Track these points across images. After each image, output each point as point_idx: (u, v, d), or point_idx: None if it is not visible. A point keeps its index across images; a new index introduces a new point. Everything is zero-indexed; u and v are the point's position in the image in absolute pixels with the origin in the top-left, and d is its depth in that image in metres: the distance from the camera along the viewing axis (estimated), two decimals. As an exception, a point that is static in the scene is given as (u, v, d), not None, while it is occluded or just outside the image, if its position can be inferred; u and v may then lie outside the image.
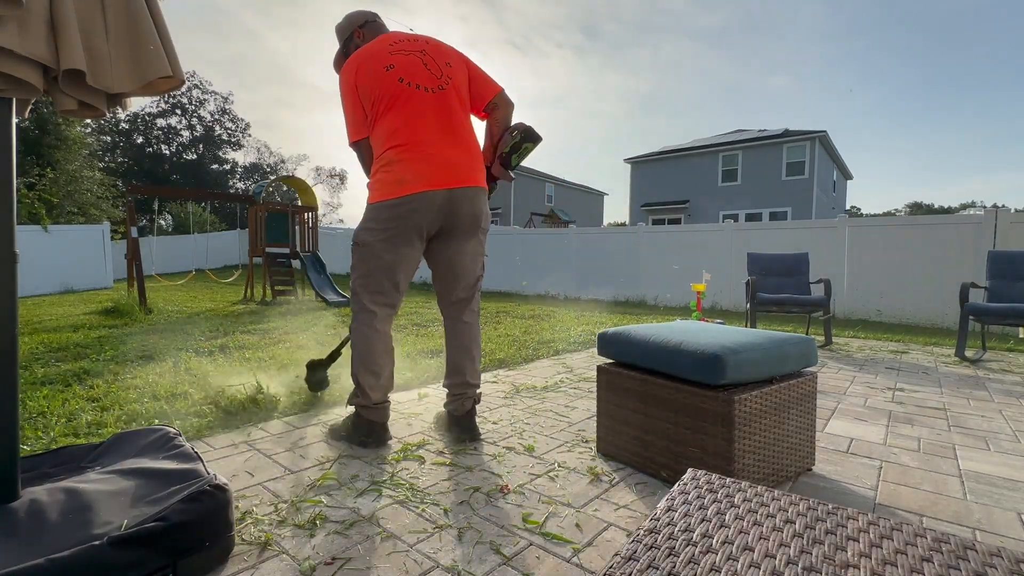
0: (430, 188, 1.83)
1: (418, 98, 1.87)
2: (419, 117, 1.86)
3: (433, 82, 1.92)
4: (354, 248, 1.93)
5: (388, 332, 1.94)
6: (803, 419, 1.69)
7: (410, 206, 1.82)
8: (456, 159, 1.90)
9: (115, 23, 1.27)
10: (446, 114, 1.91)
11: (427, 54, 1.96)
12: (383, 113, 1.86)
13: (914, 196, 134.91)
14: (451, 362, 2.06)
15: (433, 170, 1.84)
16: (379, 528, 1.34)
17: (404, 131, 1.84)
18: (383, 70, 1.86)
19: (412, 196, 1.82)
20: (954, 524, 1.40)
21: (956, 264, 6.25)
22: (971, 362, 3.77)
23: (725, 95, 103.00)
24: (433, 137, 1.87)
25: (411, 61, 1.91)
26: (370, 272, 1.89)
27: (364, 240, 1.89)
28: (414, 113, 1.86)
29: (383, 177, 1.85)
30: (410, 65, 1.90)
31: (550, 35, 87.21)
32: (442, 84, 1.93)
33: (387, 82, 1.85)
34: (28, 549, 1.02)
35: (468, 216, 1.93)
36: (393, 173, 1.83)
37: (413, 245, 1.90)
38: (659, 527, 0.72)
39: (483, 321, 5.84)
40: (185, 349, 3.84)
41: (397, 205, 1.83)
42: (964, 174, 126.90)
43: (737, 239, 8.10)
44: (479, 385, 2.08)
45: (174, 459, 1.41)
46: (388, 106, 1.85)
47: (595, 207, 35.45)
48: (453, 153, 1.90)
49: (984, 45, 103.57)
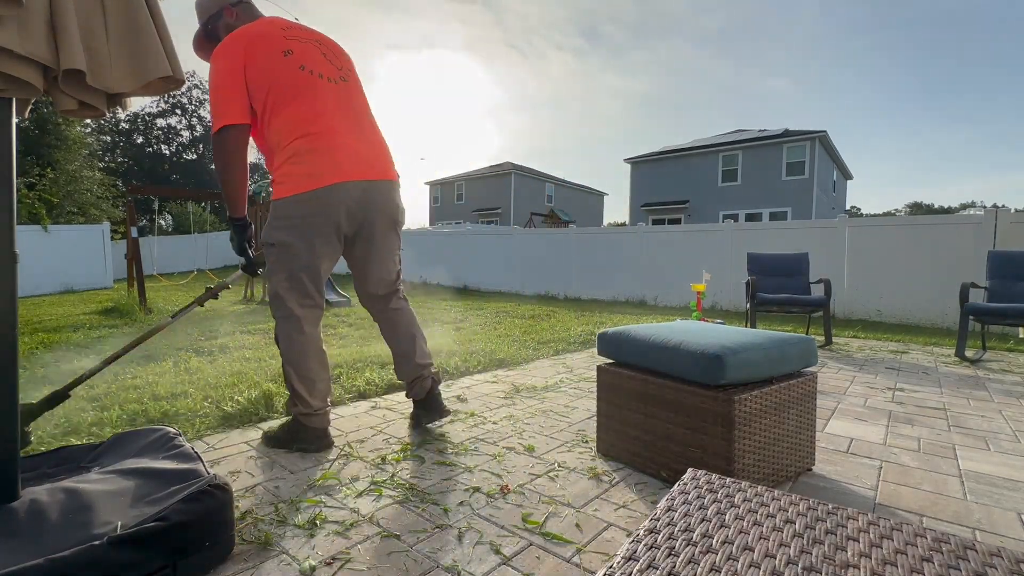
0: (345, 180, 1.75)
1: (322, 87, 1.79)
2: (325, 107, 1.77)
3: (335, 72, 1.85)
4: (269, 250, 1.80)
5: (318, 335, 1.87)
6: (803, 419, 1.68)
7: (325, 199, 1.73)
8: (367, 152, 1.84)
9: (115, 23, 1.26)
10: (351, 106, 1.85)
11: (323, 44, 1.89)
12: (285, 102, 1.73)
13: (914, 196, 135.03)
14: (397, 352, 2.03)
15: (346, 162, 1.76)
16: (379, 528, 1.34)
17: (311, 122, 1.74)
18: (280, 55, 1.74)
19: (326, 188, 1.73)
20: (954, 524, 1.40)
21: (956, 264, 6.25)
22: (971, 362, 3.77)
23: (724, 97, 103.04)
24: (342, 128, 1.79)
25: (310, 49, 1.82)
26: (292, 273, 1.78)
27: (279, 240, 1.77)
28: (320, 103, 1.77)
29: (291, 170, 1.73)
30: (309, 53, 1.81)
31: (550, 37, 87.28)
32: (344, 75, 1.88)
33: (287, 69, 1.74)
34: (28, 549, 1.02)
35: (385, 211, 1.88)
36: (303, 165, 1.72)
37: (331, 242, 1.81)
38: (659, 527, 0.72)
39: (483, 321, 5.84)
40: (185, 349, 3.84)
41: (310, 199, 1.73)
42: (964, 174, 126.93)
43: (737, 239, 8.10)
44: (432, 363, 2.07)
45: (174, 459, 1.41)
46: (291, 95, 1.73)
47: (595, 207, 35.45)
48: (363, 146, 1.84)
49: (984, 45, 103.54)
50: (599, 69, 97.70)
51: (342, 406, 2.45)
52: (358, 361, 3.30)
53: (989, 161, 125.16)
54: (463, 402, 2.55)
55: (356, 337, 4.61)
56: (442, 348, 3.82)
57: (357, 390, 2.65)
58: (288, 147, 1.74)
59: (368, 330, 5.06)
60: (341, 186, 1.75)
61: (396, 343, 2.03)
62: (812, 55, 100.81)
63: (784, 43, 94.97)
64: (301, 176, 1.72)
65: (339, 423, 2.20)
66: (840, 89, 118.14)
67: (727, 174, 20.76)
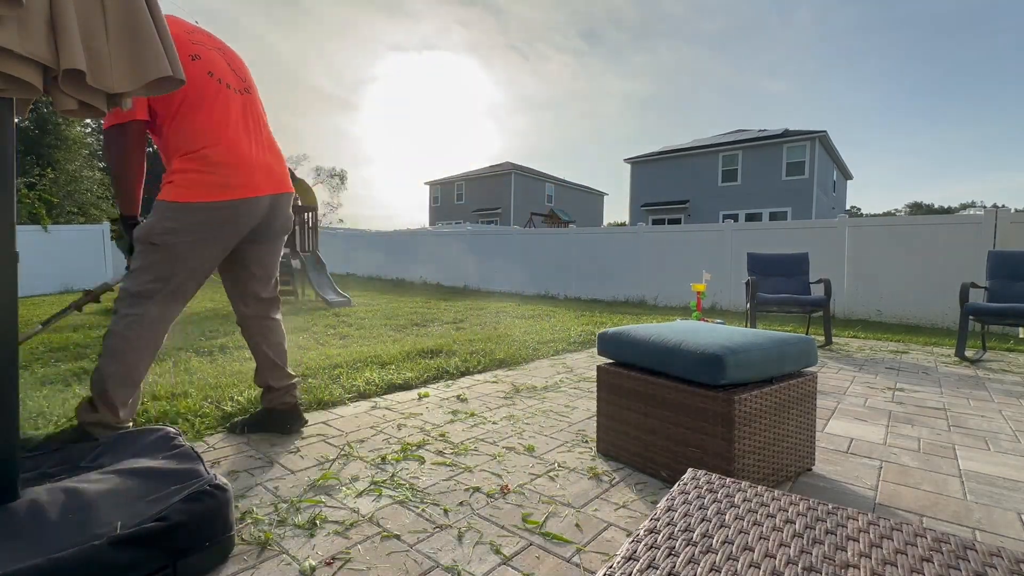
0: (258, 194, 1.81)
1: (229, 97, 1.80)
2: (231, 117, 1.79)
3: (239, 83, 1.87)
4: (146, 249, 1.70)
5: (161, 344, 1.80)
6: (803, 419, 1.68)
7: (237, 210, 1.76)
8: (273, 164, 1.90)
9: (115, 23, 1.26)
10: (255, 117, 1.89)
11: (225, 53, 1.89)
12: (194, 108, 1.72)
13: (914, 196, 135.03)
14: (268, 360, 2.04)
15: (260, 176, 1.82)
16: (379, 528, 1.34)
17: (221, 130, 1.75)
18: (188, 59, 1.71)
19: (242, 201, 1.77)
20: (954, 524, 1.40)
21: (956, 264, 6.25)
22: (971, 362, 3.77)
23: (723, 98, 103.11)
24: (250, 139, 1.83)
25: (215, 56, 1.82)
26: (171, 275, 1.72)
27: (168, 242, 1.70)
28: (229, 113, 1.79)
29: (201, 178, 1.71)
30: (216, 60, 1.81)
31: (551, 40, 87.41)
32: (247, 86, 1.90)
33: (195, 74, 1.72)
34: (28, 549, 1.02)
35: (283, 220, 1.97)
36: (217, 175, 1.73)
37: (225, 251, 1.82)
38: (659, 527, 0.72)
39: (483, 321, 5.84)
40: (185, 349, 3.84)
41: (220, 208, 1.73)
42: (964, 174, 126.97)
43: (737, 239, 8.10)
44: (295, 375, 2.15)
45: (174, 459, 1.41)
46: (200, 101, 1.73)
47: (595, 207, 35.46)
48: (270, 158, 1.89)
49: (984, 45, 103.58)
50: (600, 71, 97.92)
51: (342, 406, 2.45)
52: (358, 361, 3.30)
53: (989, 161, 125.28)
54: (463, 402, 2.55)
55: (356, 337, 4.61)
56: (442, 348, 3.82)
57: (357, 390, 2.65)
58: (197, 153, 1.72)
59: (368, 330, 5.06)
60: (255, 200, 1.80)
61: (270, 350, 2.05)
62: (812, 56, 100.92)
63: (784, 44, 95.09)
64: (213, 185, 1.72)
65: (339, 423, 2.20)
66: (840, 89, 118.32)
67: (727, 174, 20.77)
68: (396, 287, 11.93)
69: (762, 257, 5.18)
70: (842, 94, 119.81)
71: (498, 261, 11.63)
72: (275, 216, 1.92)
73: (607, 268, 9.73)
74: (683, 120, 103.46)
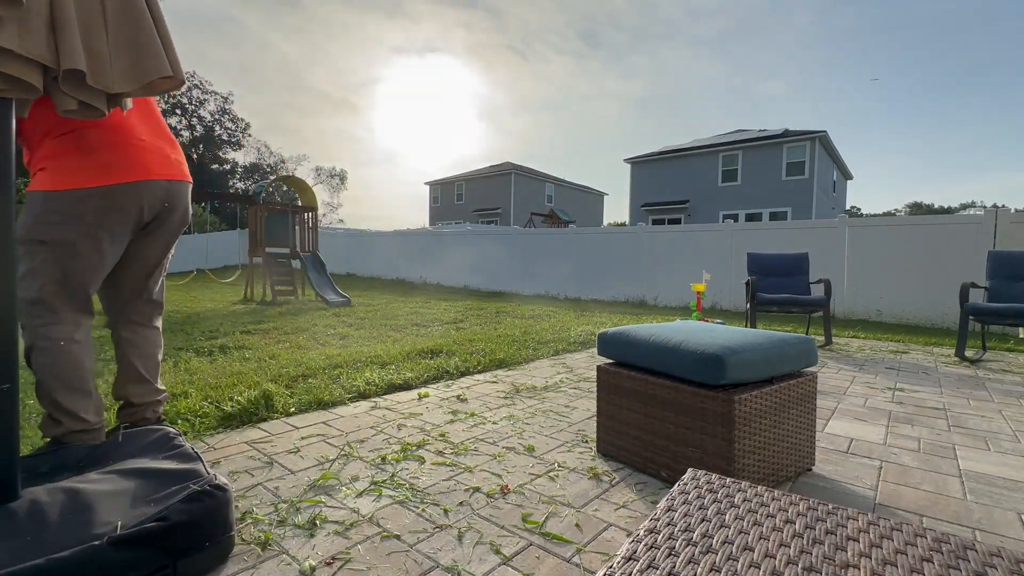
0: (151, 178, 1.64)
1: None
2: None
3: None
4: (34, 248, 1.53)
5: (91, 342, 1.68)
6: (803, 419, 1.68)
7: (126, 196, 1.59)
8: (168, 150, 1.76)
9: (115, 23, 1.27)
10: (146, 103, 1.76)
11: None
12: None
13: (914, 196, 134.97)
14: (135, 373, 1.82)
15: (151, 158, 1.66)
16: (379, 528, 1.34)
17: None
18: None
19: (130, 184, 1.59)
20: (954, 524, 1.40)
21: (956, 264, 6.25)
22: (971, 362, 3.77)
23: (723, 99, 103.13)
24: (138, 121, 1.67)
25: None
26: (68, 276, 1.57)
27: (55, 238, 1.53)
28: None
29: (79, 162, 1.54)
30: None
31: (551, 41, 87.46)
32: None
33: None
34: (28, 549, 1.02)
35: (181, 212, 1.81)
36: (97, 157, 1.56)
37: (122, 242, 1.66)
38: (659, 527, 0.72)
39: (483, 321, 5.84)
40: (185, 349, 3.84)
41: (107, 194, 1.56)
42: (964, 174, 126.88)
43: (737, 239, 8.10)
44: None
45: (174, 459, 1.41)
46: None
47: (595, 207, 35.47)
48: (164, 144, 1.75)
49: (984, 45, 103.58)
50: (599, 72, 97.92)
51: (342, 406, 2.45)
52: (358, 361, 3.30)
53: (989, 161, 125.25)
54: (463, 402, 2.55)
55: (357, 337, 4.61)
56: (442, 348, 3.82)
57: (357, 390, 2.65)
58: (72, 134, 1.55)
59: (368, 330, 5.06)
60: (147, 184, 1.63)
61: (140, 362, 1.83)
62: (811, 56, 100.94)
63: (783, 46, 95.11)
64: (93, 168, 1.55)
65: (339, 423, 2.20)
66: (840, 89, 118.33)
67: (727, 174, 20.77)
68: (397, 287, 11.94)
69: (762, 257, 5.18)
70: (842, 94, 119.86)
71: (498, 261, 11.63)
72: (174, 206, 1.75)
73: (607, 268, 9.73)
74: (683, 121, 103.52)
